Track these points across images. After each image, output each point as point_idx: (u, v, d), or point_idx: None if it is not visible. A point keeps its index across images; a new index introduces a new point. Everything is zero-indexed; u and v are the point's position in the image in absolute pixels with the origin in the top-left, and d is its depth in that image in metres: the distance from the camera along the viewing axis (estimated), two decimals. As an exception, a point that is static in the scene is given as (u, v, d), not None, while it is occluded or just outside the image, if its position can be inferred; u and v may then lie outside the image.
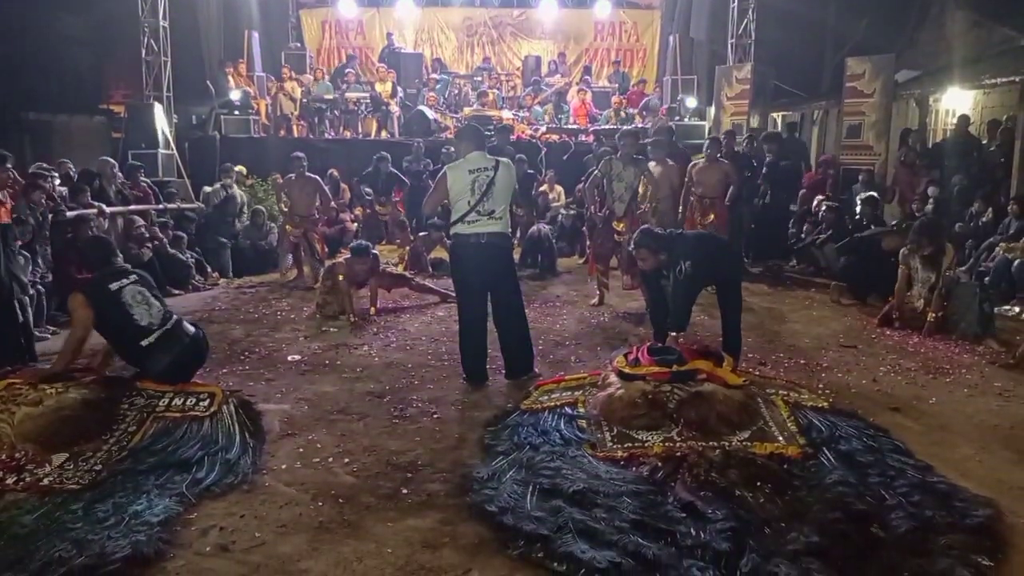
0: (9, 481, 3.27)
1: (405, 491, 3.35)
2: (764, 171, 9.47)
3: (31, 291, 5.86)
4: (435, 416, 4.30)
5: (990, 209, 8.29)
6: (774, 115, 15.25)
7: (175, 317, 4.47)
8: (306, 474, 3.53)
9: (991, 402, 4.58)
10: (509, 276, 4.96)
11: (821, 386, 4.75)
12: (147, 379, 4.15)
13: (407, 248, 9.45)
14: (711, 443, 3.56)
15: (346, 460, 3.68)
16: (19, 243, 5.75)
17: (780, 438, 3.64)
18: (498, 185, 4.74)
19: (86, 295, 4.18)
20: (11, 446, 3.48)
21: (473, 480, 3.37)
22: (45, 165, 8.02)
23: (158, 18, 12.36)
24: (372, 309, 6.89)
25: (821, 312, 7.09)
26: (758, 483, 3.22)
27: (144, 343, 4.19)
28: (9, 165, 4.88)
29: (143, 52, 12.41)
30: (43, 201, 6.57)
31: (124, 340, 4.23)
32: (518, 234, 9.18)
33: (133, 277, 4.40)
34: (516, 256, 8.09)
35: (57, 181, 7.70)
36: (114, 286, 4.25)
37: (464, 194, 4.74)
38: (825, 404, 4.11)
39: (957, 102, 12.41)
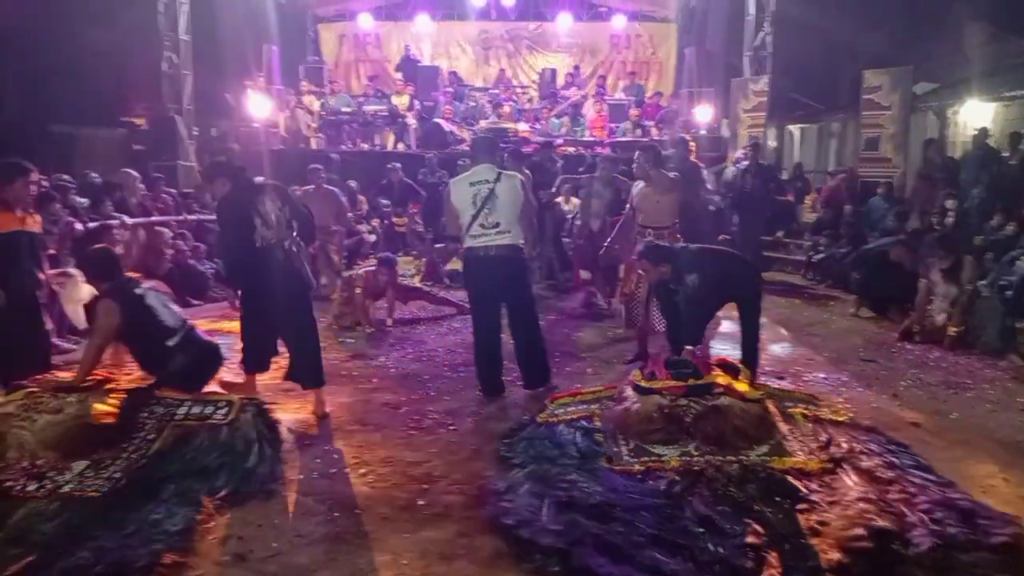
0: (30, 488, 3.31)
1: (421, 502, 3.35)
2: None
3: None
4: (451, 428, 4.30)
5: (1011, 222, 8.19)
6: (790, 127, 15.22)
7: (190, 324, 4.55)
8: (323, 484, 3.54)
9: (1014, 417, 4.52)
10: (522, 288, 4.93)
11: (840, 400, 4.71)
12: (166, 387, 4.18)
13: (424, 260, 9.48)
14: (729, 457, 3.53)
15: (362, 471, 3.69)
16: (49, 252, 5.81)
17: (799, 453, 3.61)
18: (500, 198, 4.69)
19: (116, 300, 4.24)
20: (32, 453, 3.53)
21: (489, 492, 3.37)
22: (66, 176, 8.15)
23: (179, 32, 12.55)
24: (389, 320, 6.91)
25: (840, 325, 7.04)
26: (777, 498, 3.19)
27: (170, 343, 4.28)
28: (33, 177, 4.94)
29: (164, 66, 12.59)
30: (60, 211, 6.66)
31: (151, 341, 4.28)
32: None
33: (148, 285, 4.52)
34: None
35: (74, 193, 7.81)
36: (138, 291, 4.36)
37: (467, 208, 4.72)
38: (845, 419, 4.08)
39: (976, 114, 12.33)
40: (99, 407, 3.82)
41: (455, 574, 2.81)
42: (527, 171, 7.55)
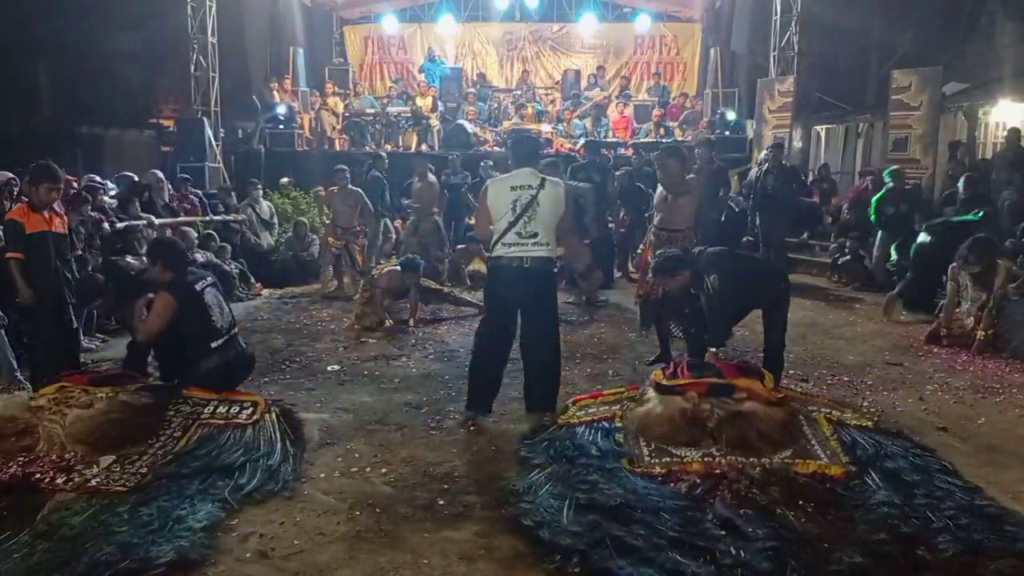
0: (59, 481, 3.37)
1: (441, 502, 3.36)
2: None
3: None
4: (472, 428, 4.31)
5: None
6: (817, 128, 15.05)
7: (236, 328, 4.63)
8: (344, 483, 3.57)
9: (1044, 423, 4.43)
10: (549, 304, 4.54)
11: (865, 404, 4.65)
12: (193, 387, 4.25)
13: (446, 260, 9.51)
14: (751, 460, 3.50)
15: (383, 470, 3.71)
16: (76, 253, 5.93)
17: (823, 457, 3.57)
18: (542, 206, 4.32)
19: (174, 294, 4.34)
20: (62, 446, 3.60)
21: (509, 493, 3.37)
22: (97, 178, 8.30)
23: (207, 35, 12.71)
24: (411, 321, 6.95)
25: (866, 328, 6.96)
26: (800, 502, 3.16)
27: (214, 344, 4.37)
28: (60, 183, 5.05)
29: (192, 68, 12.78)
30: (90, 213, 6.79)
31: (197, 339, 4.37)
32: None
33: (211, 279, 4.60)
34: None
35: (109, 195, 7.95)
36: (198, 287, 4.45)
37: (504, 213, 4.35)
38: (869, 423, 4.03)
39: (1008, 115, 12.10)
40: (128, 403, 3.89)
41: (475, 574, 2.81)
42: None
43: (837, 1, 13.55)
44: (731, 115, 13.70)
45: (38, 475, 3.39)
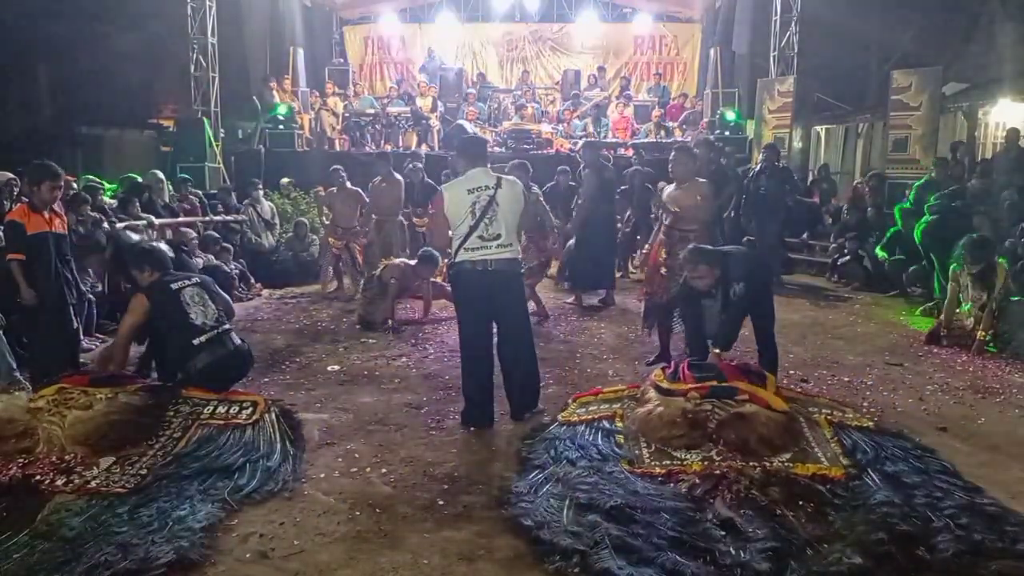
0: (59, 482, 3.37)
1: (441, 502, 3.36)
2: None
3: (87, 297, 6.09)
4: (472, 428, 4.30)
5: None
6: (816, 128, 15.06)
7: (227, 325, 4.64)
8: (344, 483, 3.57)
9: (1044, 424, 4.43)
10: (519, 306, 4.50)
11: (865, 405, 4.66)
12: (192, 387, 4.25)
13: (444, 260, 9.49)
14: (751, 463, 3.50)
15: (383, 470, 3.71)
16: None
17: (823, 459, 3.57)
18: (502, 206, 4.25)
19: (145, 294, 4.42)
20: (61, 448, 3.60)
21: (510, 493, 3.37)
22: (95, 178, 8.30)
23: (207, 35, 12.72)
24: (426, 315, 7.02)
25: (866, 328, 6.95)
26: (800, 502, 3.16)
27: (196, 341, 4.37)
28: (60, 181, 5.05)
29: (192, 68, 12.80)
30: (90, 213, 6.79)
31: (178, 336, 4.38)
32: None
33: (195, 279, 4.64)
34: (554, 270, 8.15)
35: (108, 195, 7.95)
36: (175, 286, 4.49)
37: (463, 217, 4.24)
38: (870, 424, 4.03)
39: (1008, 115, 12.10)
40: (127, 404, 3.89)
41: (475, 574, 2.81)
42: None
43: (837, 1, 13.54)
44: (731, 115, 13.70)
45: (38, 477, 3.39)
